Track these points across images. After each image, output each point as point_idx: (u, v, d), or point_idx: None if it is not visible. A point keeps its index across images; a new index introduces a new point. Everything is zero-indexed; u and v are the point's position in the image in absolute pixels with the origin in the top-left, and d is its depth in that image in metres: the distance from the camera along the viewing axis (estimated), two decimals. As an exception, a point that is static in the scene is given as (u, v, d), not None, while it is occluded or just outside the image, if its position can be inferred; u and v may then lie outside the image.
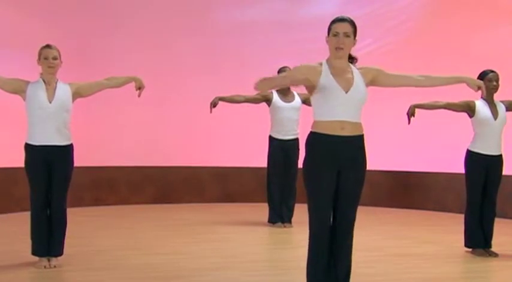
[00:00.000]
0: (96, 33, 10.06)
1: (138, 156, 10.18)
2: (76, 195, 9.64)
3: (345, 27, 4.04)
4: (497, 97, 6.43)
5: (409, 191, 10.25)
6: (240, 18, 10.93)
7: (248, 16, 10.94)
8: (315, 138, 4.10)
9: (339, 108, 4.01)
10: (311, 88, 4.10)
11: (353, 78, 4.07)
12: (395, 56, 10.20)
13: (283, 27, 10.56)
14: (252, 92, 7.92)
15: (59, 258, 5.38)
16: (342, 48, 4.03)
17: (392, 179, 10.36)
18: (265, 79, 4.08)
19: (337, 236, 4.12)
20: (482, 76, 6.34)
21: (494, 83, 6.32)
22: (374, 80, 4.18)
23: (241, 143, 10.18)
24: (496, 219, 6.39)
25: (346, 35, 4.03)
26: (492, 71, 6.37)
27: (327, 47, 4.16)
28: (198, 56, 10.52)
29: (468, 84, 4.23)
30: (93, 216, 8.81)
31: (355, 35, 4.09)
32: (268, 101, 7.87)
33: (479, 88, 4.21)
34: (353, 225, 4.17)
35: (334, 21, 4.08)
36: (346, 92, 4.02)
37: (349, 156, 4.06)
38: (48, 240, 5.30)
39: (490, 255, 6.21)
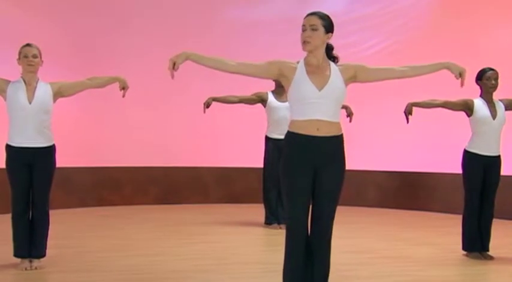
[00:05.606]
0: (101, 32, 10.04)
1: (142, 156, 10.14)
2: (80, 195, 9.68)
3: (311, 20, 3.95)
4: (504, 95, 6.27)
5: (414, 192, 10.09)
6: (248, 17, 10.85)
7: (256, 15, 10.86)
8: (290, 138, 4.03)
9: (312, 107, 3.91)
10: (287, 85, 4.02)
11: (329, 76, 3.96)
12: (402, 55, 10.04)
13: (291, 26, 10.40)
14: (249, 92, 7.97)
15: (41, 259, 5.33)
16: (309, 42, 3.93)
17: (397, 180, 10.21)
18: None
19: (315, 236, 4.01)
20: (481, 74, 6.21)
21: (493, 82, 6.15)
22: (355, 76, 4.06)
23: (245, 144, 10.09)
24: (494, 221, 6.23)
25: (313, 29, 3.93)
26: (491, 69, 6.20)
27: (335, 45, 4.09)
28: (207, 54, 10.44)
29: (450, 70, 4.05)
30: (94, 217, 8.78)
31: (328, 29, 3.97)
32: (263, 101, 7.83)
33: (460, 75, 4.02)
34: (331, 224, 4.05)
35: (304, 17, 3.99)
36: (320, 90, 3.91)
37: (326, 156, 3.95)
38: (29, 241, 5.26)
39: (485, 258, 6.05)
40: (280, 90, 7.69)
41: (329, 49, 4.06)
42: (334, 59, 4.08)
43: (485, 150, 6.12)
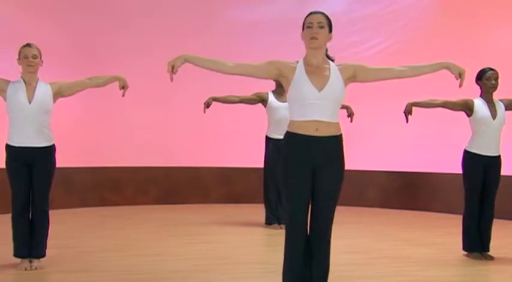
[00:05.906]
0: (101, 32, 10.04)
1: (143, 156, 10.14)
2: (80, 195, 9.67)
3: (318, 18, 3.96)
4: (504, 95, 6.26)
5: (415, 192, 10.08)
6: (248, 17, 10.85)
7: (256, 15, 10.86)
8: (289, 138, 4.01)
9: (311, 108, 3.90)
10: (286, 85, 4.01)
11: (329, 76, 3.95)
12: (403, 55, 10.03)
13: (291, 26, 10.39)
14: (249, 92, 7.97)
15: (41, 259, 5.33)
16: (317, 38, 3.93)
17: (398, 180, 10.20)
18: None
19: (314, 235, 4.01)
20: (481, 74, 6.19)
21: (493, 82, 6.13)
22: (355, 75, 4.05)
23: (245, 144, 10.09)
24: (494, 221, 6.22)
25: (320, 26, 3.94)
26: (491, 69, 6.18)
27: (335, 45, 4.10)
28: (205, 56, 10.42)
29: (450, 70, 4.03)
30: (94, 217, 8.77)
31: (330, 29, 3.99)
32: (263, 101, 7.83)
33: (460, 75, 4.00)
34: (331, 224, 4.05)
35: (307, 16, 4.00)
36: (320, 91, 3.90)
37: (324, 156, 3.94)
38: (29, 241, 5.25)
39: (485, 258, 6.04)
40: (280, 90, 7.68)
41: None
42: (329, 60, 4.08)
43: (485, 150, 6.10)
